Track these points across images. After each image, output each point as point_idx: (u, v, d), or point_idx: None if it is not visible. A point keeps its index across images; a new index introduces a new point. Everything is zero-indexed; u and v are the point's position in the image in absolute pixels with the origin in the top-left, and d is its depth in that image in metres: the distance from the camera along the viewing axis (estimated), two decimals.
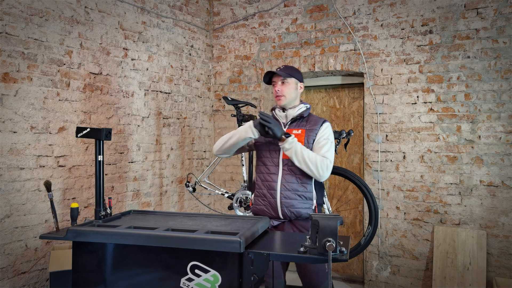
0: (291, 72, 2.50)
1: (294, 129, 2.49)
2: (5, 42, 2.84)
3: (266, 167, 2.49)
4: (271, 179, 2.45)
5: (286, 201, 2.40)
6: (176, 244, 1.84)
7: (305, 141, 2.43)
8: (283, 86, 2.49)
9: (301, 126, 2.49)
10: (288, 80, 2.49)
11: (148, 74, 4.01)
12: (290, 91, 2.49)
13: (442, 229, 3.66)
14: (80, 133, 2.42)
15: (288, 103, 2.51)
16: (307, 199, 2.41)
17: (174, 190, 4.34)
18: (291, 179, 2.41)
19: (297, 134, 2.46)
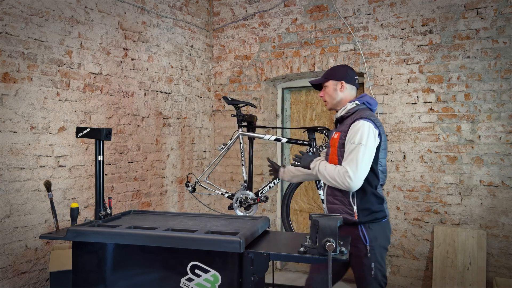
0: (327, 74, 2.46)
1: (335, 132, 2.44)
2: (5, 42, 2.84)
3: None
4: (324, 186, 2.52)
5: (330, 206, 2.43)
6: (176, 244, 1.84)
7: (339, 145, 2.35)
8: (323, 92, 2.50)
9: (339, 129, 2.42)
10: (326, 84, 2.47)
11: (148, 74, 4.01)
12: (330, 94, 2.46)
13: (442, 229, 3.66)
14: (80, 133, 2.42)
15: (333, 106, 2.48)
16: (348, 204, 2.32)
17: (174, 190, 4.34)
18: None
19: (334, 138, 2.42)
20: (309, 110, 4.67)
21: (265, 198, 3.60)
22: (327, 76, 2.46)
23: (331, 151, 2.43)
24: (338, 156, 2.33)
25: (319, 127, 3.41)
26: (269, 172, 3.06)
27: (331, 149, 2.43)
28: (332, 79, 2.44)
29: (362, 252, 2.33)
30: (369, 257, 2.32)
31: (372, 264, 2.34)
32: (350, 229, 2.33)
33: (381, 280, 2.39)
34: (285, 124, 4.79)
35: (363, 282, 2.40)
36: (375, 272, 2.35)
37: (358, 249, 2.32)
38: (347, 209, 2.32)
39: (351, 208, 2.31)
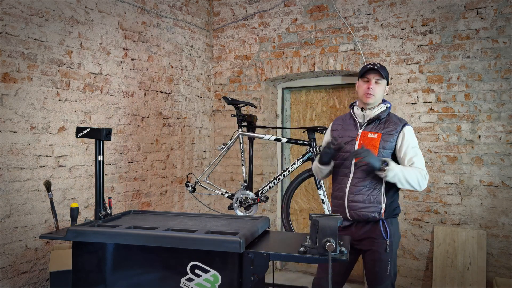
0: (386, 73, 2.46)
1: (370, 132, 2.41)
2: (5, 42, 2.84)
3: (339, 169, 2.48)
4: (342, 182, 2.45)
5: (353, 204, 2.38)
6: (176, 244, 1.84)
7: (380, 146, 2.36)
8: (376, 85, 2.42)
9: (378, 130, 2.40)
10: (382, 80, 2.43)
11: (148, 74, 4.01)
12: (381, 92, 2.44)
13: (442, 229, 3.66)
14: (80, 133, 2.42)
15: (375, 102, 2.45)
16: (376, 202, 2.35)
17: (174, 190, 4.34)
18: (360, 183, 2.38)
19: (372, 138, 2.38)
20: (309, 110, 4.67)
21: (265, 198, 3.60)
22: (386, 75, 2.45)
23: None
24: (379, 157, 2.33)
25: (319, 127, 3.41)
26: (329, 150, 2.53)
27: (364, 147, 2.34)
28: (387, 80, 2.47)
29: (382, 248, 2.37)
30: (388, 253, 2.37)
31: (389, 260, 2.39)
32: (372, 226, 2.37)
33: (393, 279, 2.43)
34: (285, 124, 4.79)
35: (378, 279, 2.40)
36: (390, 269, 2.39)
37: (378, 244, 2.36)
38: (374, 207, 2.35)
39: (380, 206, 2.35)
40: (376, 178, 2.35)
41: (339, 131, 2.53)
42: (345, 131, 2.50)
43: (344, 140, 2.45)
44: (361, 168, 2.37)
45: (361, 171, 2.38)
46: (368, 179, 2.36)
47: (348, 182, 2.41)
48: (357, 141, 2.41)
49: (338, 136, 2.50)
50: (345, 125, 2.53)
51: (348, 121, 2.54)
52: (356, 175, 2.39)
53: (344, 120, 2.57)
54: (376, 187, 2.36)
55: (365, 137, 2.40)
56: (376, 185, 2.37)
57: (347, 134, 2.48)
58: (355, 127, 2.48)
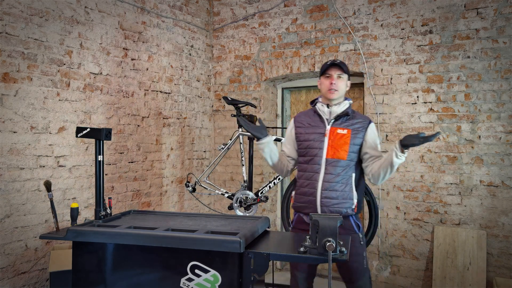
0: (347, 69, 2.49)
1: (339, 128, 2.44)
2: (5, 42, 2.84)
3: (308, 165, 2.48)
4: (313, 178, 2.44)
5: (326, 201, 2.39)
6: (176, 244, 1.84)
7: (351, 142, 2.41)
8: (338, 81, 2.44)
9: (347, 126, 2.44)
10: (344, 75, 2.46)
11: (148, 74, 4.01)
12: (343, 87, 2.47)
13: (442, 229, 3.66)
14: (80, 133, 2.42)
15: (337, 99, 2.47)
16: (348, 198, 2.41)
17: (174, 190, 4.34)
18: (332, 179, 2.40)
19: (343, 134, 2.42)
20: None
21: (265, 198, 3.60)
22: (347, 70, 2.48)
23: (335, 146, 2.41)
24: (350, 152, 2.40)
25: None
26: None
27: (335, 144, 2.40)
28: (348, 75, 2.51)
29: (357, 241, 2.42)
30: (362, 246, 2.45)
31: (364, 253, 2.46)
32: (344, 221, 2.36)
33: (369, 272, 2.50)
34: (285, 124, 4.79)
35: (357, 273, 2.42)
36: (366, 262, 2.45)
37: (353, 238, 2.38)
38: (347, 203, 2.39)
39: (352, 202, 2.41)
40: (345, 174, 2.40)
41: (305, 127, 2.52)
42: (312, 127, 2.50)
43: (312, 137, 2.47)
44: (332, 164, 2.40)
45: (333, 167, 2.40)
46: (340, 175, 2.40)
47: (319, 178, 2.41)
48: (326, 137, 2.43)
49: (305, 132, 2.50)
50: (310, 121, 2.53)
51: (313, 117, 2.53)
52: (328, 171, 2.40)
53: (308, 116, 2.56)
54: (347, 183, 2.41)
55: (334, 133, 2.43)
56: (348, 181, 2.42)
57: (315, 131, 2.48)
58: (323, 123, 2.48)
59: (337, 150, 2.40)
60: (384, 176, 2.36)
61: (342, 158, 2.39)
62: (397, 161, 2.27)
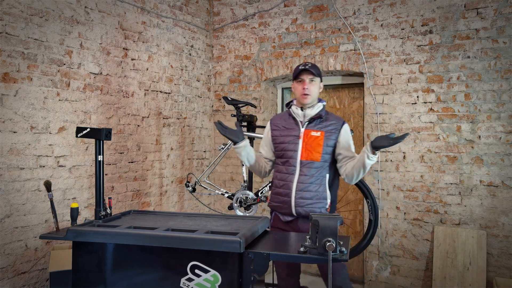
0: (318, 71, 2.53)
1: (313, 130, 2.49)
2: (5, 42, 2.84)
3: (284, 167, 2.53)
4: (288, 179, 2.50)
5: (300, 201, 2.45)
6: (176, 244, 1.84)
7: (324, 144, 2.46)
8: (310, 85, 2.49)
9: (320, 128, 2.50)
10: (316, 79, 2.50)
11: (148, 74, 4.01)
12: (316, 91, 2.51)
13: (442, 229, 3.66)
14: (80, 133, 2.42)
15: (311, 102, 2.52)
16: (322, 198, 2.46)
17: (174, 190, 4.34)
18: (306, 180, 2.45)
19: (316, 136, 2.47)
20: None
21: (265, 198, 3.60)
22: (319, 73, 2.52)
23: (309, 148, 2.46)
24: (323, 154, 2.46)
25: None
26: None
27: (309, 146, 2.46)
28: (320, 78, 2.54)
29: None
30: None
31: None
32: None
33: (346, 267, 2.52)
34: None
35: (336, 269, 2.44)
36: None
37: None
38: (320, 202, 2.45)
39: (326, 202, 2.46)
40: (319, 175, 2.46)
41: (280, 130, 2.58)
42: (287, 130, 2.56)
43: (287, 139, 2.53)
44: (307, 166, 2.45)
45: (307, 169, 2.46)
46: (314, 176, 2.45)
47: (294, 179, 2.47)
48: (301, 139, 2.49)
49: (280, 135, 2.56)
50: (285, 124, 2.58)
51: (288, 120, 2.58)
52: (303, 173, 2.46)
53: (284, 119, 2.61)
54: (321, 183, 2.47)
55: (308, 135, 2.48)
56: (322, 181, 2.47)
57: (289, 133, 2.54)
58: (297, 126, 2.53)
59: (311, 152, 2.46)
60: (358, 176, 2.42)
61: (316, 159, 2.45)
62: (369, 162, 2.32)
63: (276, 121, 2.64)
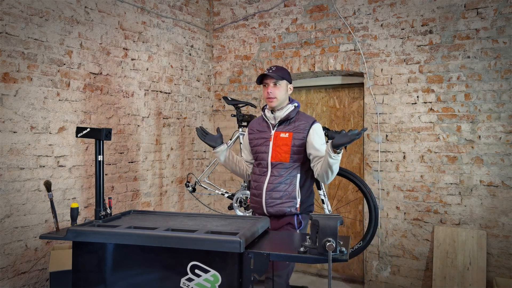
0: (283, 74, 2.56)
1: (282, 132, 2.55)
2: (5, 42, 2.84)
3: (258, 168, 2.63)
4: (259, 181, 2.59)
5: (270, 201, 2.52)
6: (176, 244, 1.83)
7: (292, 144, 2.50)
8: (275, 89, 2.53)
9: (289, 129, 2.54)
10: (280, 82, 2.54)
11: (148, 74, 4.01)
12: (281, 93, 2.55)
13: (442, 229, 3.66)
14: (80, 133, 2.42)
15: (278, 105, 2.57)
16: (292, 198, 2.50)
17: (174, 190, 4.34)
18: (276, 180, 2.51)
19: (284, 137, 2.53)
20: (309, 110, 4.66)
21: None
22: (282, 76, 2.54)
23: (278, 149, 2.52)
24: (291, 154, 2.49)
25: None
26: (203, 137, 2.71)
27: (278, 147, 2.52)
28: (286, 80, 2.57)
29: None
30: None
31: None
32: (287, 218, 2.53)
33: (293, 265, 2.60)
34: None
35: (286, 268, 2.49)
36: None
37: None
38: (290, 202, 2.49)
39: (295, 201, 2.50)
40: (289, 176, 2.50)
41: (255, 133, 2.67)
42: (260, 133, 2.64)
43: (260, 142, 2.61)
44: (277, 167, 2.52)
45: (277, 169, 2.52)
46: (283, 177, 2.50)
47: (265, 180, 2.54)
48: (271, 141, 2.56)
49: (254, 138, 2.66)
50: (259, 127, 2.67)
51: (262, 123, 2.67)
52: (273, 173, 2.53)
53: (259, 123, 2.70)
54: (291, 183, 2.51)
55: (278, 137, 2.55)
56: (292, 181, 2.51)
57: (261, 136, 2.62)
58: (268, 128, 2.61)
59: (280, 154, 2.52)
60: (328, 176, 2.43)
61: (285, 160, 2.51)
62: (332, 161, 2.32)
63: (252, 125, 2.73)
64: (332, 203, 4.42)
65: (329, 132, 3.33)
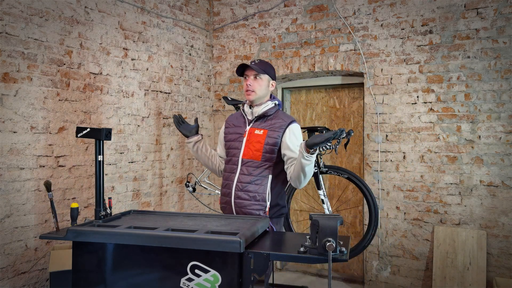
0: (266, 68, 2.44)
1: (257, 128, 2.42)
2: (5, 42, 2.84)
3: (228, 165, 2.49)
4: (229, 179, 2.45)
5: (239, 202, 2.39)
6: (176, 244, 1.83)
7: (265, 142, 2.36)
8: (255, 81, 2.42)
9: (264, 127, 2.41)
10: (261, 76, 2.42)
11: (148, 74, 4.01)
12: (262, 88, 2.43)
13: (442, 229, 3.66)
14: (80, 133, 2.42)
15: (257, 100, 2.44)
16: (260, 200, 2.36)
17: (174, 190, 4.34)
18: (246, 180, 2.38)
19: (258, 134, 2.39)
20: (309, 110, 4.67)
21: None
22: (265, 69, 2.43)
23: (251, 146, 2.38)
24: (263, 153, 2.35)
25: (319, 127, 3.41)
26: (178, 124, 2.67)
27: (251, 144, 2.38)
28: (269, 74, 2.45)
29: None
30: None
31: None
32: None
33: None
34: None
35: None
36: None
37: None
38: (259, 205, 2.35)
39: (265, 204, 2.35)
40: (259, 176, 2.36)
41: (231, 128, 2.54)
42: (235, 128, 2.51)
43: (233, 137, 2.49)
44: (247, 165, 2.38)
45: (247, 168, 2.38)
46: (254, 176, 2.36)
47: (235, 178, 2.41)
48: (245, 137, 2.43)
49: (229, 132, 2.53)
50: (236, 122, 2.54)
51: (239, 118, 2.54)
52: (243, 171, 2.39)
53: (236, 118, 2.57)
54: (261, 184, 2.36)
55: (252, 134, 2.41)
56: (262, 182, 2.36)
57: (236, 131, 2.49)
58: (244, 124, 2.49)
59: (252, 151, 2.38)
60: (301, 180, 2.28)
61: (256, 159, 2.36)
62: (305, 162, 2.18)
63: (229, 119, 2.60)
64: (332, 203, 4.42)
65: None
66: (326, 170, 3.46)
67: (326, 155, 4.47)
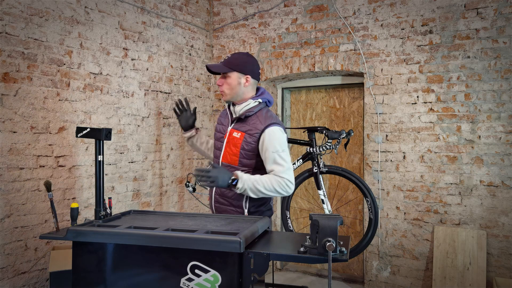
0: (233, 64, 2.22)
1: (236, 130, 2.26)
2: (5, 42, 2.84)
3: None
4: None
5: (217, 206, 2.35)
6: (176, 244, 1.83)
7: (241, 147, 2.21)
8: (224, 80, 2.24)
9: (243, 129, 2.23)
10: (229, 74, 2.23)
11: (148, 74, 4.01)
12: (230, 87, 2.23)
13: (442, 229, 3.66)
14: (80, 133, 2.42)
15: (232, 99, 2.28)
16: (237, 207, 2.28)
17: (174, 190, 4.34)
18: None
19: (236, 137, 2.23)
20: (309, 110, 4.67)
21: None
22: (232, 67, 2.22)
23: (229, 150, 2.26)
24: (240, 158, 2.22)
25: (319, 127, 3.41)
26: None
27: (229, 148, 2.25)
28: (238, 71, 2.23)
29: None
30: None
31: None
32: None
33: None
34: (285, 124, 4.79)
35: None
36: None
37: None
38: (236, 212, 2.27)
39: (242, 211, 2.27)
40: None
41: (218, 125, 2.42)
42: (221, 126, 2.38)
43: (217, 136, 2.38)
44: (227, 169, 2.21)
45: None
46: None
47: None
48: (225, 138, 2.30)
49: (216, 130, 2.42)
50: (223, 119, 2.40)
51: (227, 116, 2.39)
52: None
53: (225, 114, 2.42)
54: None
55: (231, 136, 2.26)
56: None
57: (221, 130, 2.37)
58: (228, 123, 2.34)
59: (230, 155, 2.25)
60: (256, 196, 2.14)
61: (233, 163, 2.23)
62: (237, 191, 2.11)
63: (220, 115, 2.46)
64: (332, 203, 4.42)
65: (329, 132, 3.33)
66: (326, 170, 3.47)
67: (326, 155, 4.47)
